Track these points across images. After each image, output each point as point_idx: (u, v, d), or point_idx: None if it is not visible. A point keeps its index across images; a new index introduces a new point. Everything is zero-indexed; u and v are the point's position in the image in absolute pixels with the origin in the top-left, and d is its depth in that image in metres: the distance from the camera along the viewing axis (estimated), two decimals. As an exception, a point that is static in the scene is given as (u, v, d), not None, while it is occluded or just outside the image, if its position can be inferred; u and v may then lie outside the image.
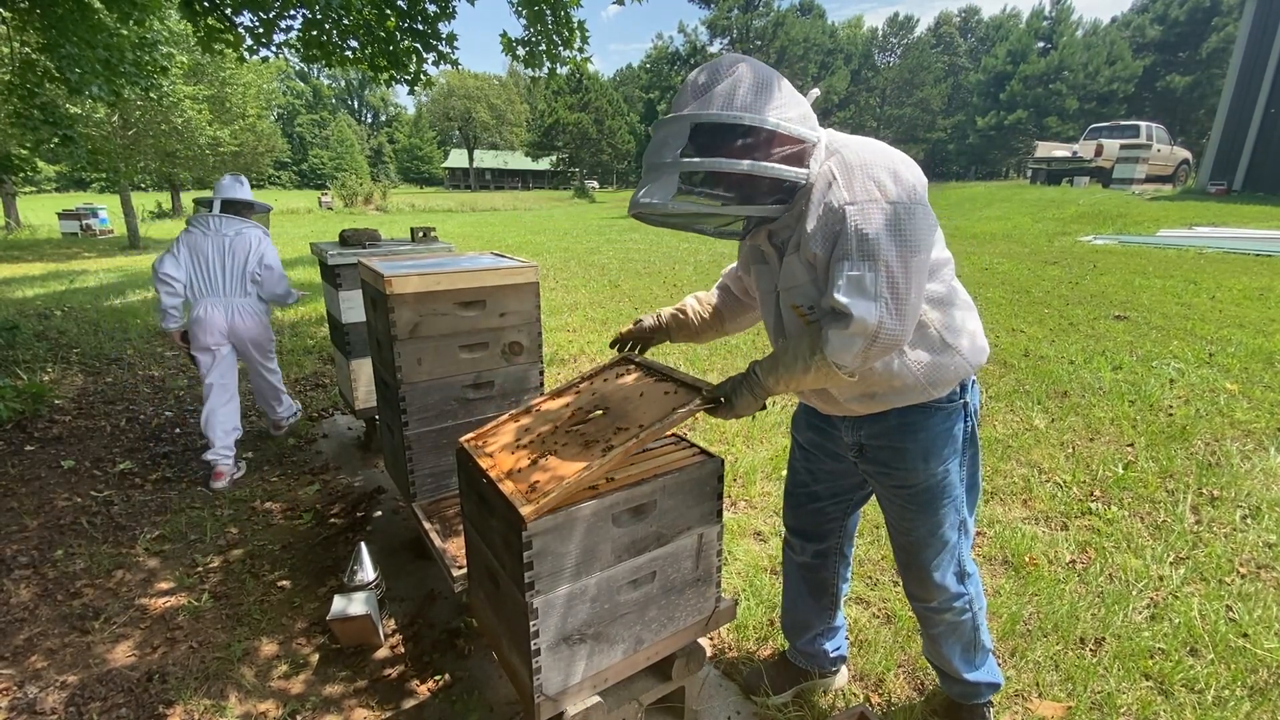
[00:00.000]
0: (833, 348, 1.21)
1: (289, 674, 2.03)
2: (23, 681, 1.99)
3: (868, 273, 1.16)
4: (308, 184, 64.18)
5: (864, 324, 1.17)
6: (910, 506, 1.48)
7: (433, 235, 3.41)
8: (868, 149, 1.23)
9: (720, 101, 1.18)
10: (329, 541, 2.76)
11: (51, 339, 5.90)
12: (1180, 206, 14.08)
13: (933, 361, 1.34)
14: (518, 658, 1.44)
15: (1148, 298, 6.59)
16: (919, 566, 1.54)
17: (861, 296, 1.16)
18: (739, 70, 1.20)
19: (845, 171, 1.20)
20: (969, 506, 1.53)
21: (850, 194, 1.18)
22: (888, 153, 1.23)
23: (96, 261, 12.03)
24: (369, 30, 4.77)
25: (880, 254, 1.16)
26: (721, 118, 1.17)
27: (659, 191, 1.20)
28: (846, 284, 1.17)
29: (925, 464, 1.42)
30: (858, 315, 1.16)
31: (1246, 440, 3.41)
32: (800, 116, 1.23)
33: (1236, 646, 2.00)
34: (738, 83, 1.19)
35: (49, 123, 4.88)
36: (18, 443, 3.70)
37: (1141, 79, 36.89)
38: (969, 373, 1.39)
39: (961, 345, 1.36)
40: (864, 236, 1.16)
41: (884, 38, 54.30)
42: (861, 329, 1.17)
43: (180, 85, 13.20)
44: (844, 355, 1.21)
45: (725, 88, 1.19)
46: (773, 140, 1.21)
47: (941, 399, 1.39)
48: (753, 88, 1.19)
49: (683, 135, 1.20)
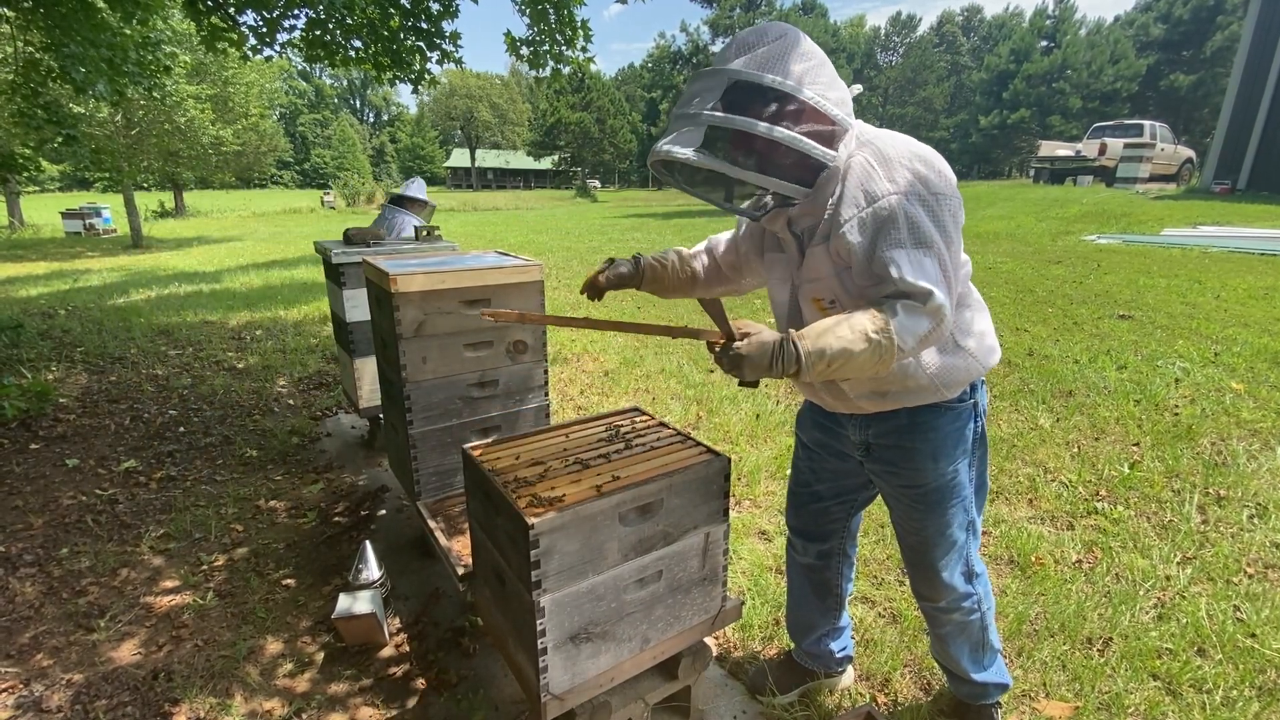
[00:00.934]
0: (903, 325, 1.14)
1: (294, 672, 2.03)
2: (28, 680, 1.99)
3: (927, 258, 1.15)
4: (310, 183, 64.26)
5: (938, 304, 1.14)
6: (918, 506, 1.47)
7: (436, 234, 3.41)
8: (902, 141, 1.22)
9: (763, 63, 1.15)
10: (333, 540, 2.76)
11: (55, 338, 5.91)
12: (1184, 206, 14.04)
13: (945, 362, 1.33)
14: (524, 656, 1.44)
15: (1152, 297, 6.57)
16: (927, 566, 1.53)
17: (928, 280, 1.14)
18: (789, 37, 1.17)
19: (884, 162, 1.18)
20: (977, 507, 1.52)
21: (894, 184, 1.16)
22: (921, 146, 1.22)
23: (100, 261, 12.05)
24: (372, 29, 4.76)
25: (934, 242, 1.15)
26: (761, 79, 1.14)
27: (682, 141, 1.17)
28: (911, 268, 1.14)
29: (935, 464, 1.41)
30: (937, 295, 1.14)
31: (1253, 440, 3.39)
32: (839, 100, 1.20)
33: (1244, 646, 1.99)
34: (787, 49, 1.16)
35: (53, 122, 4.88)
36: (23, 441, 3.71)
37: (1145, 78, 36.81)
38: (980, 373, 1.38)
39: (973, 346, 1.35)
40: (915, 225, 1.15)
41: (886, 37, 54.22)
42: (935, 309, 1.14)
43: (183, 85, 13.22)
44: (910, 336, 1.14)
45: (771, 50, 1.15)
46: (807, 114, 1.18)
47: (952, 399, 1.38)
48: (799, 57, 1.16)
49: (717, 90, 1.16)
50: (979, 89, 43.36)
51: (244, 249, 13.73)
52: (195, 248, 14.24)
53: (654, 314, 6.54)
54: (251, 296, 7.98)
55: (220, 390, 4.57)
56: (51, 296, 8.11)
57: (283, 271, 10.11)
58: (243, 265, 10.96)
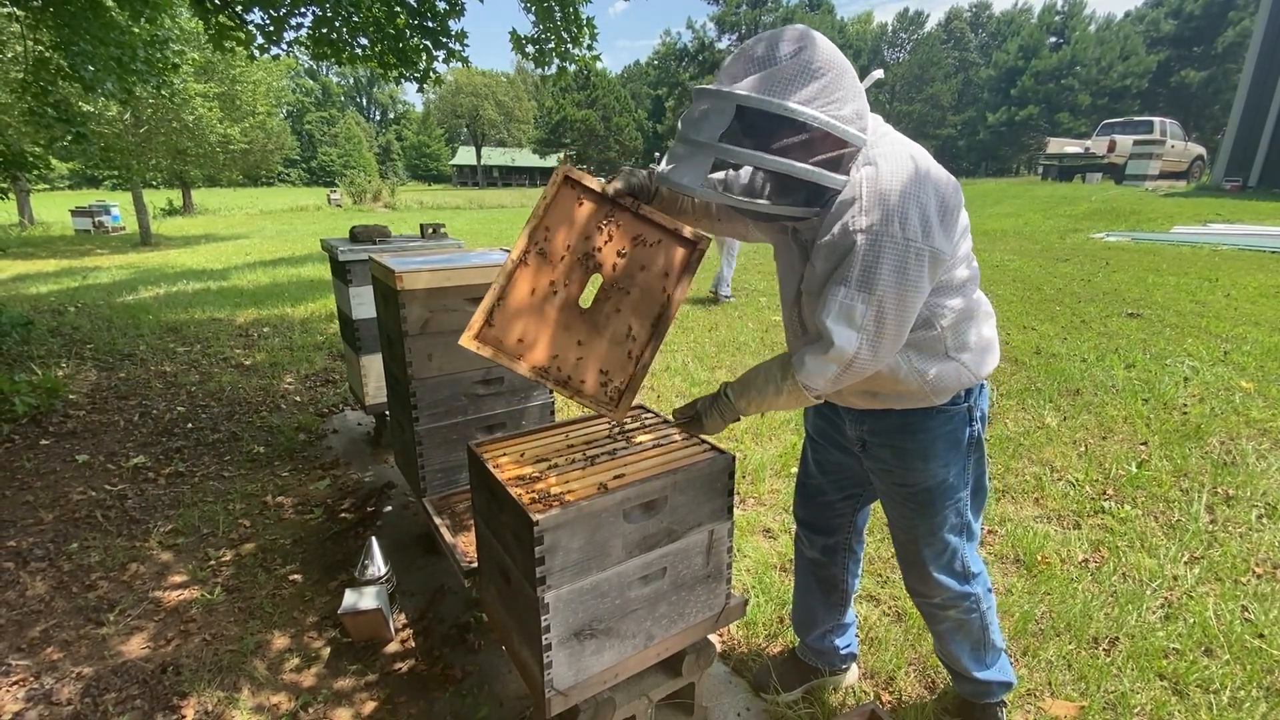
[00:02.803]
0: (807, 370, 1.22)
1: (300, 667, 2.04)
2: (39, 672, 2.02)
3: (860, 304, 1.14)
4: (316, 181, 64.42)
5: (842, 353, 1.17)
6: (909, 505, 1.48)
7: (442, 232, 3.42)
8: (903, 171, 1.13)
9: (773, 85, 1.07)
10: (340, 536, 2.77)
11: (65, 335, 5.96)
12: (1195, 203, 13.92)
13: (938, 371, 1.32)
14: (528, 652, 1.45)
15: (1161, 295, 6.52)
16: (919, 564, 1.53)
17: (848, 325, 1.16)
18: (804, 53, 1.08)
19: (872, 193, 1.13)
20: (974, 510, 1.51)
21: (868, 220, 1.12)
22: (921, 181, 1.13)
23: (109, 258, 12.13)
24: (379, 28, 4.77)
25: (878, 288, 1.13)
26: (771, 106, 1.07)
27: (689, 173, 1.15)
28: (838, 310, 1.16)
29: (925, 464, 1.41)
30: (839, 343, 1.16)
31: (1262, 439, 3.37)
32: (855, 113, 1.14)
33: (1252, 647, 1.98)
34: (801, 67, 1.07)
35: (62, 120, 4.91)
36: (33, 437, 3.74)
37: (1155, 74, 36.49)
38: (973, 381, 1.37)
39: (967, 357, 1.34)
40: (868, 267, 1.12)
41: (894, 33, 53.94)
42: (839, 357, 1.18)
43: (191, 83, 13.28)
44: (817, 379, 1.22)
45: (784, 70, 1.07)
46: (823, 141, 1.13)
47: (944, 403, 1.39)
48: (814, 74, 1.08)
49: (727, 114, 1.09)
50: (987, 86, 43.10)
51: (251, 247, 13.80)
52: (203, 245, 14.32)
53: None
54: (259, 294, 8.02)
55: (228, 387, 4.60)
56: (61, 294, 8.17)
57: (290, 269, 10.15)
58: (250, 263, 11.02)
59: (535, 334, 1.46)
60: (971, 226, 1.28)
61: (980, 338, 1.36)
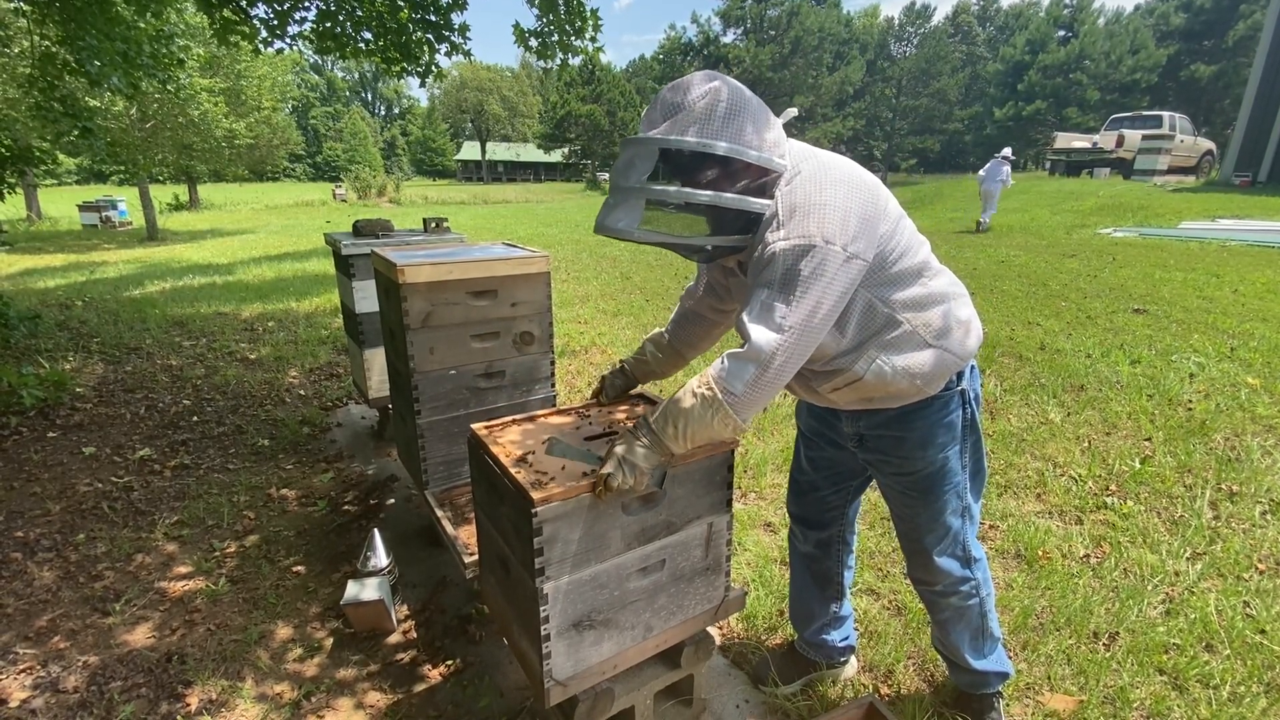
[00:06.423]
0: (727, 372, 1.20)
1: (303, 657, 2.06)
2: (46, 661, 2.04)
3: (779, 304, 1.16)
4: (322, 176, 64.56)
5: (759, 351, 1.17)
6: (911, 493, 1.49)
7: (445, 226, 3.43)
8: (818, 182, 1.19)
9: (691, 125, 1.15)
10: (343, 528, 2.79)
11: (72, 328, 6.00)
12: (1203, 198, 13.81)
13: (923, 364, 1.33)
14: (528, 643, 1.46)
15: (1168, 291, 6.48)
16: (922, 551, 1.55)
17: (767, 325, 1.16)
18: (712, 91, 1.16)
19: (789, 209, 1.18)
20: (973, 492, 1.53)
21: (787, 231, 1.17)
22: (835, 187, 1.19)
23: (116, 253, 12.20)
24: (381, 21, 4.77)
25: (796, 289, 1.15)
26: (688, 145, 1.15)
27: (625, 217, 1.19)
28: (759, 310, 1.18)
29: (924, 451, 1.43)
30: (756, 340, 1.17)
31: (1267, 435, 3.35)
32: (772, 143, 1.21)
33: (1253, 643, 1.98)
34: (712, 106, 1.16)
35: (69, 115, 4.93)
36: (40, 429, 3.77)
37: (1165, 68, 36.08)
38: (960, 365, 1.39)
39: (949, 343, 1.35)
40: (789, 270, 1.16)
41: (900, 27, 53.50)
42: (756, 355, 1.17)
43: (196, 78, 13.30)
44: (735, 381, 1.19)
45: (698, 110, 1.16)
46: (743, 171, 1.19)
47: (937, 391, 1.40)
48: (726, 112, 1.16)
49: (651, 158, 1.17)
50: (994, 80, 42.70)
51: (256, 241, 13.85)
52: (209, 240, 14.38)
53: (657, 309, 6.53)
54: (264, 288, 8.06)
55: (233, 381, 4.63)
56: (69, 288, 8.22)
57: (294, 264, 10.19)
58: (255, 258, 11.06)
59: None
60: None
61: (957, 320, 1.37)
